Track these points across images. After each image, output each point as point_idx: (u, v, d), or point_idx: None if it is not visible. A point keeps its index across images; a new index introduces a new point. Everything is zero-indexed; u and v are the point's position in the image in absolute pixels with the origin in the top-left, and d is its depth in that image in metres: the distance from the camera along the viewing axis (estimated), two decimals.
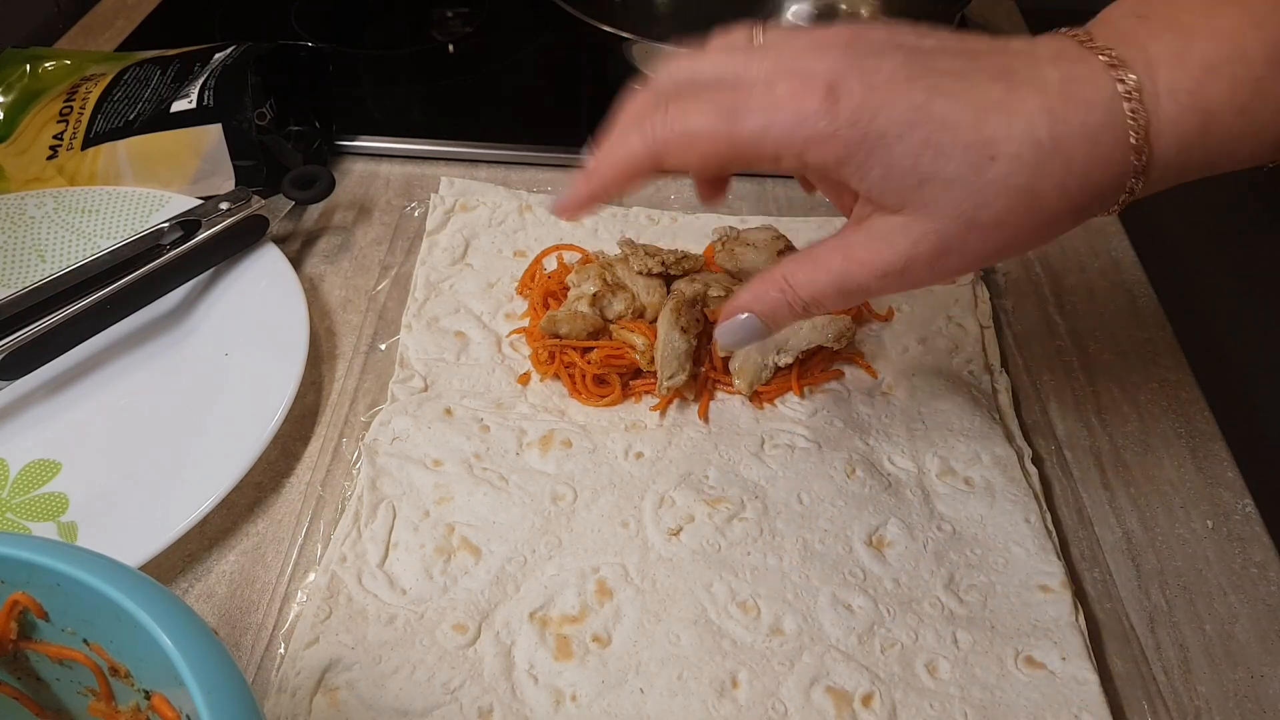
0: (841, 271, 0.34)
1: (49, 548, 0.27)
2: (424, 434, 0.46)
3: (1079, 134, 0.31)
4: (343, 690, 0.37)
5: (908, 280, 0.34)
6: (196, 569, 0.43)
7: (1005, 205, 0.32)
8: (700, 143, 0.34)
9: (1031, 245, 0.34)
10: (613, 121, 0.37)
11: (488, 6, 0.81)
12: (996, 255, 0.34)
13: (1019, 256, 0.34)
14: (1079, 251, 0.60)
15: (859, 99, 0.31)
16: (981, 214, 0.32)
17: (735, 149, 0.33)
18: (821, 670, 0.38)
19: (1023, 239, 0.33)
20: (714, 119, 0.33)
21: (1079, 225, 0.34)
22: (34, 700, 0.31)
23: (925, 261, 0.33)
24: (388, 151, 0.67)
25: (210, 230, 0.53)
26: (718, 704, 0.37)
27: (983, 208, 0.32)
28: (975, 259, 0.33)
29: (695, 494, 0.44)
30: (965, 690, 0.38)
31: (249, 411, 0.46)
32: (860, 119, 0.31)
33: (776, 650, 0.39)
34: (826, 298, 0.35)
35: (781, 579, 0.41)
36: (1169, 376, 0.53)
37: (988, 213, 0.32)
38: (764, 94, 0.32)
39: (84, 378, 0.50)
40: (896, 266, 0.33)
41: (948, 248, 0.33)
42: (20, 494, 0.45)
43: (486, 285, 0.54)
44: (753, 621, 0.40)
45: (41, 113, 0.64)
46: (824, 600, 0.40)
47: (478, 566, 0.41)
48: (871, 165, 0.32)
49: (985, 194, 0.31)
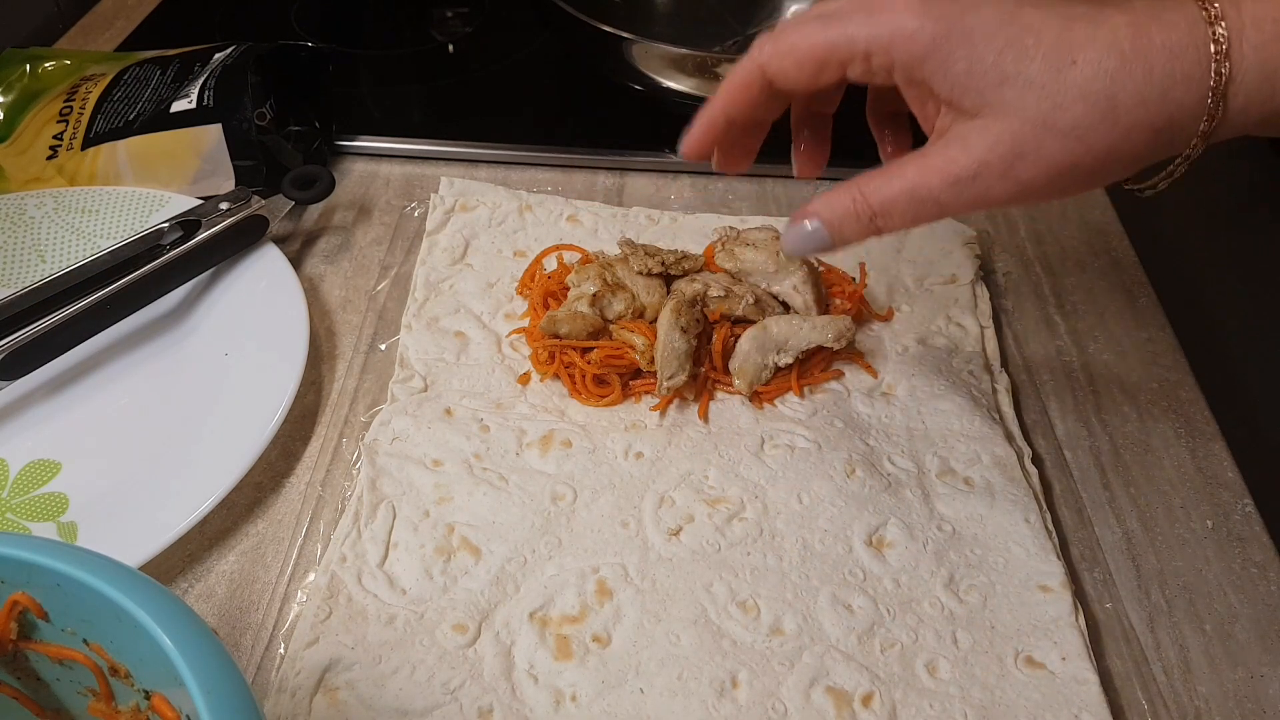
0: (914, 179, 0.35)
1: (49, 548, 0.27)
2: (424, 434, 0.46)
3: (1161, 47, 0.32)
4: (343, 690, 0.37)
5: (979, 188, 0.34)
6: (196, 569, 0.43)
7: (1083, 110, 0.32)
8: (798, 49, 0.35)
9: (1106, 169, 0.34)
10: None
11: (488, 6, 0.81)
12: (1071, 171, 0.33)
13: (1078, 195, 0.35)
14: (1079, 251, 0.60)
15: (949, 2, 0.33)
16: (1059, 116, 0.32)
17: (831, 49, 0.35)
18: (821, 670, 0.38)
19: (1098, 155, 0.33)
20: (812, 27, 0.35)
21: (1153, 159, 0.34)
22: (34, 700, 0.31)
23: (999, 167, 0.33)
24: (388, 151, 0.67)
25: (210, 230, 0.53)
26: (718, 704, 0.37)
27: (1061, 109, 0.32)
28: (1049, 169, 0.33)
29: (695, 494, 0.44)
30: (965, 690, 0.38)
31: (249, 411, 0.46)
32: (949, 14, 0.33)
33: (776, 650, 0.39)
34: (897, 206, 0.35)
35: (781, 579, 0.41)
36: (1169, 376, 0.53)
37: (1065, 116, 0.32)
38: (861, 8, 0.35)
39: (84, 378, 0.50)
40: (970, 171, 0.34)
41: (1022, 150, 0.33)
42: (20, 494, 0.45)
43: (486, 285, 0.54)
44: (752, 621, 0.40)
45: (41, 113, 0.64)
46: (824, 600, 0.40)
47: (478, 566, 0.41)
48: (955, 60, 0.33)
49: (1064, 96, 0.32)
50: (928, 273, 0.55)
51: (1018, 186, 0.34)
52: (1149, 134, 0.33)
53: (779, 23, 0.39)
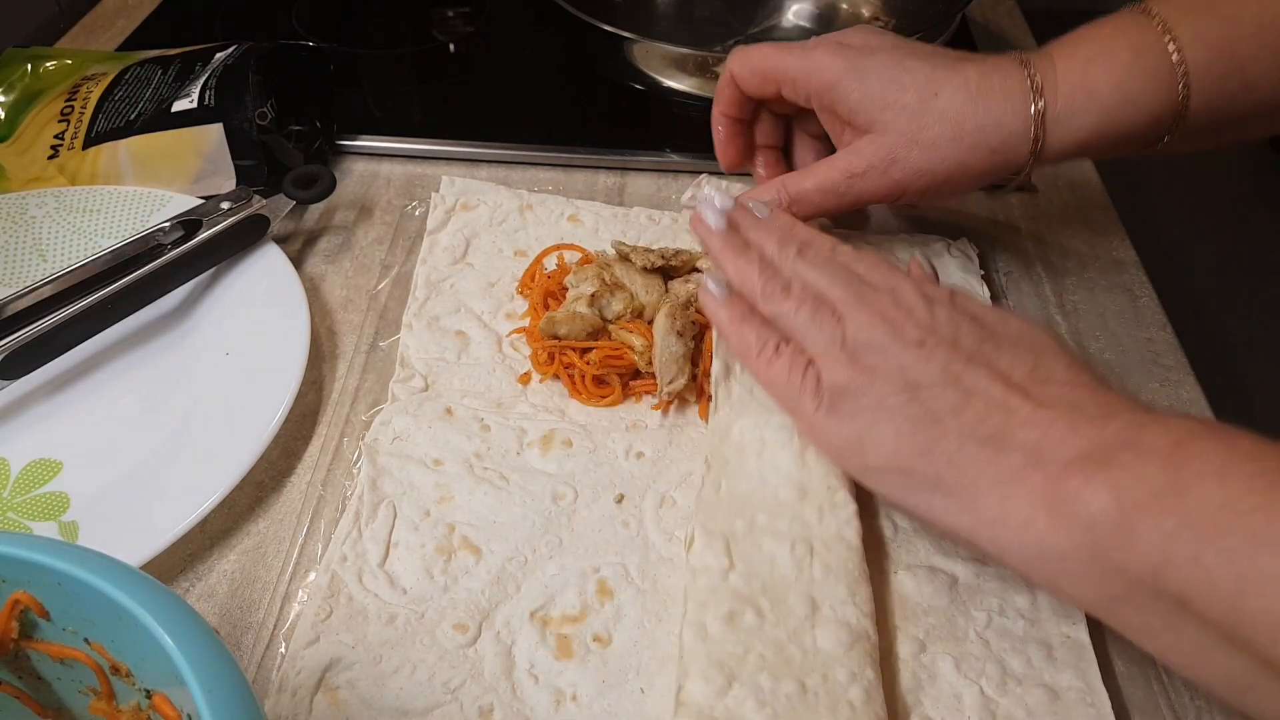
0: (821, 175, 0.48)
1: (50, 547, 0.27)
2: (425, 433, 0.46)
3: (997, 88, 0.45)
4: (343, 689, 0.37)
5: (866, 183, 0.47)
6: (197, 568, 0.43)
7: (939, 130, 0.45)
8: (753, 63, 0.50)
9: (957, 178, 0.46)
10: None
11: (488, 6, 0.81)
12: (929, 175, 0.46)
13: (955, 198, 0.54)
14: (1079, 251, 0.60)
15: (856, 49, 0.47)
16: (922, 134, 0.45)
17: (773, 69, 0.49)
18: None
19: (950, 166, 0.46)
20: (768, 50, 0.50)
21: (994, 174, 0.46)
22: (35, 699, 0.31)
23: (880, 168, 0.46)
24: (388, 151, 0.67)
25: (211, 230, 0.53)
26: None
27: (924, 129, 0.45)
28: (913, 172, 0.46)
29: (696, 494, 0.44)
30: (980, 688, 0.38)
31: (249, 411, 0.46)
32: (852, 58, 0.47)
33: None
34: (807, 194, 0.48)
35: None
36: (1170, 376, 0.53)
37: (927, 134, 0.45)
38: (800, 47, 0.49)
39: (85, 377, 0.50)
40: (859, 169, 0.47)
41: (895, 157, 0.46)
42: (21, 493, 0.45)
43: (487, 285, 0.54)
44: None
45: (43, 112, 0.64)
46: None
47: (478, 566, 0.41)
48: (852, 90, 0.47)
49: (927, 118, 0.45)
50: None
51: (892, 184, 0.47)
52: (987, 153, 0.45)
53: (766, 32, 0.56)
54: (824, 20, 0.81)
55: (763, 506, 0.41)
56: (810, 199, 0.48)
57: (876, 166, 0.46)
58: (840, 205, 0.49)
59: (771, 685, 0.35)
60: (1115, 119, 0.44)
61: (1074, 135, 0.45)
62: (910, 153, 0.46)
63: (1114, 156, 0.49)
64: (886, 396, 0.37)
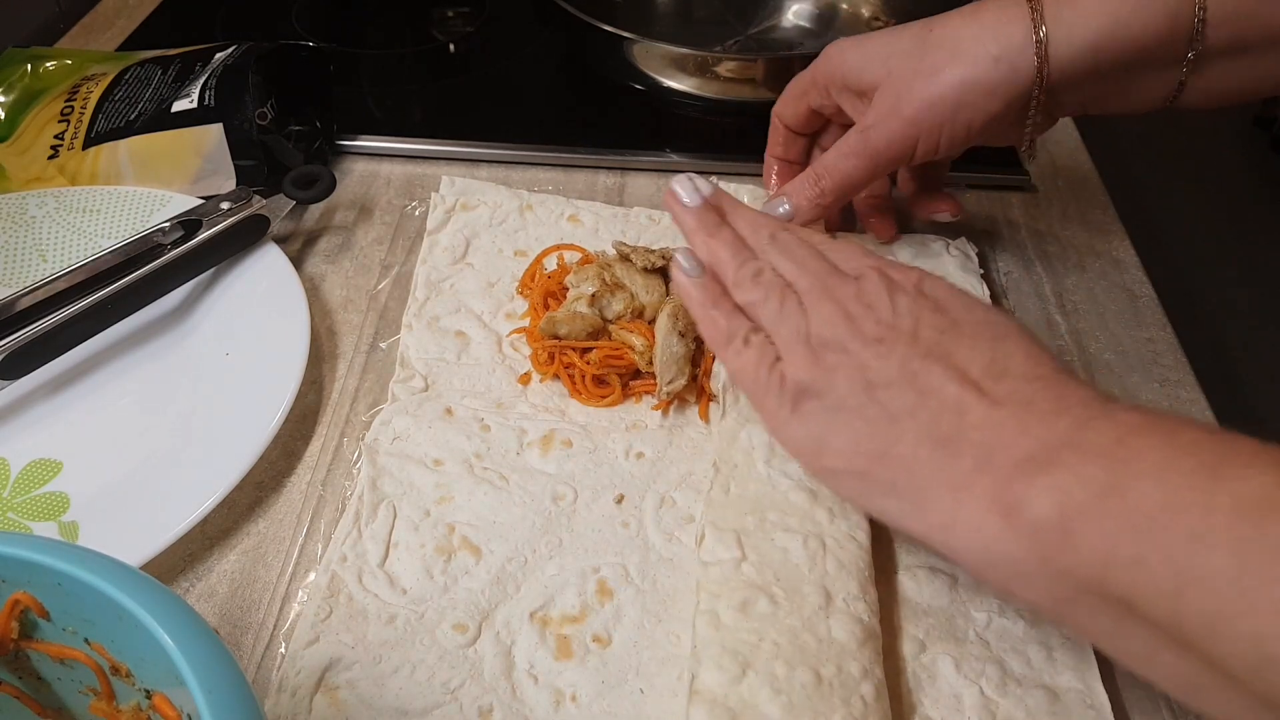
0: (841, 145, 0.48)
1: (50, 547, 0.27)
2: (425, 433, 0.46)
3: (992, 7, 0.45)
4: (343, 689, 0.37)
5: (882, 131, 0.47)
6: (197, 568, 0.43)
7: (938, 55, 0.45)
8: (788, 92, 0.53)
9: (964, 99, 0.45)
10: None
11: (488, 6, 0.81)
12: (938, 103, 0.45)
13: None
14: (1079, 251, 0.60)
15: (862, 38, 0.49)
16: (922, 64, 0.46)
17: (800, 84, 0.52)
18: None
19: (953, 85, 0.45)
20: (795, 79, 0.53)
21: (1004, 87, 0.45)
22: (35, 699, 0.31)
23: (889, 111, 0.47)
24: (388, 151, 0.67)
25: (211, 230, 0.53)
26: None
27: (923, 59, 0.46)
28: (922, 102, 0.46)
29: (696, 495, 0.44)
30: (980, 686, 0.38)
31: (249, 411, 0.46)
32: (859, 42, 0.49)
33: None
34: (830, 163, 0.48)
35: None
36: (1169, 376, 0.53)
37: (926, 62, 0.46)
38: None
39: (85, 377, 0.50)
40: (871, 120, 0.47)
41: (900, 93, 0.46)
42: (21, 493, 0.45)
43: (487, 285, 0.54)
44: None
45: (43, 112, 0.64)
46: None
47: (478, 566, 0.41)
48: (856, 58, 0.48)
49: (926, 50, 0.46)
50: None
51: (906, 124, 0.46)
52: (990, 62, 0.44)
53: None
54: (824, 20, 0.81)
55: (773, 507, 0.41)
56: (836, 168, 0.48)
57: (885, 112, 0.46)
58: (867, 169, 0.48)
59: (786, 673, 0.35)
60: (1125, 19, 0.43)
61: (1081, 35, 0.43)
62: (914, 85, 0.45)
63: (1141, 91, 0.46)
64: (846, 398, 0.37)
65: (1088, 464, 0.31)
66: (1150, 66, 0.44)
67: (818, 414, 0.37)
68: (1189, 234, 1.05)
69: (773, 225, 0.43)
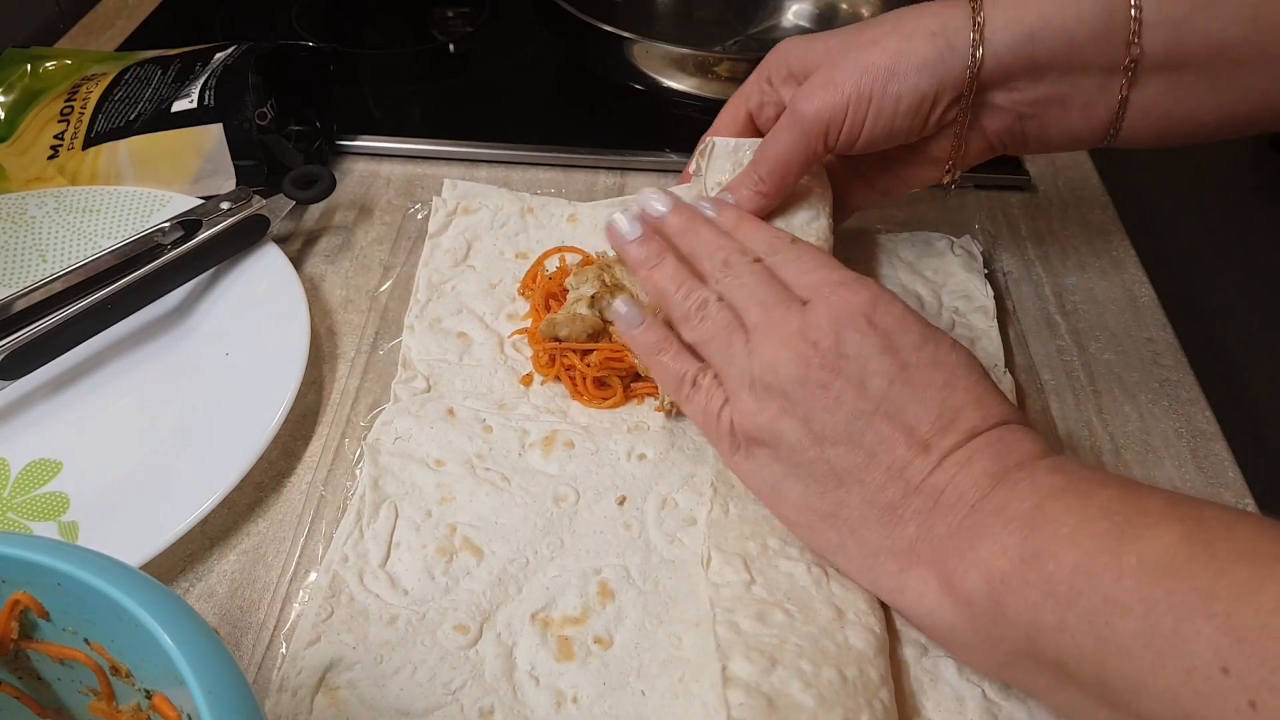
0: (778, 121, 0.47)
1: (50, 547, 0.27)
2: (426, 434, 0.46)
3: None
4: (344, 690, 0.37)
5: (816, 101, 0.45)
6: (197, 568, 0.43)
7: (879, 29, 0.45)
8: (734, 101, 0.51)
9: (896, 67, 0.43)
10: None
11: (488, 6, 0.81)
12: (871, 70, 0.43)
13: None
14: (1079, 251, 0.60)
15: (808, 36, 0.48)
16: (860, 36, 0.45)
17: (748, 85, 0.50)
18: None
19: (890, 54, 0.43)
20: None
21: (940, 65, 0.43)
22: (35, 700, 0.31)
23: (825, 80, 0.45)
24: (388, 151, 0.67)
25: (211, 230, 0.53)
26: (719, 707, 0.37)
27: (864, 31, 0.45)
28: (855, 71, 0.44)
29: (698, 496, 0.44)
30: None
31: (250, 411, 0.46)
32: (806, 38, 0.48)
33: None
34: (766, 147, 0.46)
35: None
36: (1169, 376, 0.53)
37: (864, 35, 0.45)
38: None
39: (84, 378, 0.50)
40: (805, 91, 0.45)
41: (835, 62, 0.45)
42: (21, 494, 0.45)
43: (489, 286, 0.54)
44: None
45: (42, 112, 0.64)
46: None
47: (480, 567, 0.41)
48: (800, 46, 0.47)
49: (865, 27, 0.45)
50: (945, 282, 0.55)
51: (833, 87, 0.44)
52: (927, 36, 0.43)
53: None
54: (824, 20, 0.81)
55: (773, 533, 0.41)
56: (768, 149, 0.46)
57: (817, 81, 0.44)
58: (799, 142, 0.45)
59: (813, 670, 0.35)
60: (1062, 4, 0.42)
61: (1018, 20, 0.42)
62: (849, 53, 0.44)
63: (1077, 115, 0.44)
64: (795, 450, 0.37)
65: (1010, 533, 0.32)
66: (1087, 71, 0.42)
67: (769, 462, 0.38)
68: (1189, 234, 1.05)
69: (729, 247, 0.41)
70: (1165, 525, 0.29)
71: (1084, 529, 0.30)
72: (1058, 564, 0.30)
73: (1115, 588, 0.29)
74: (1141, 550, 0.29)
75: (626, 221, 0.43)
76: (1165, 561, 0.28)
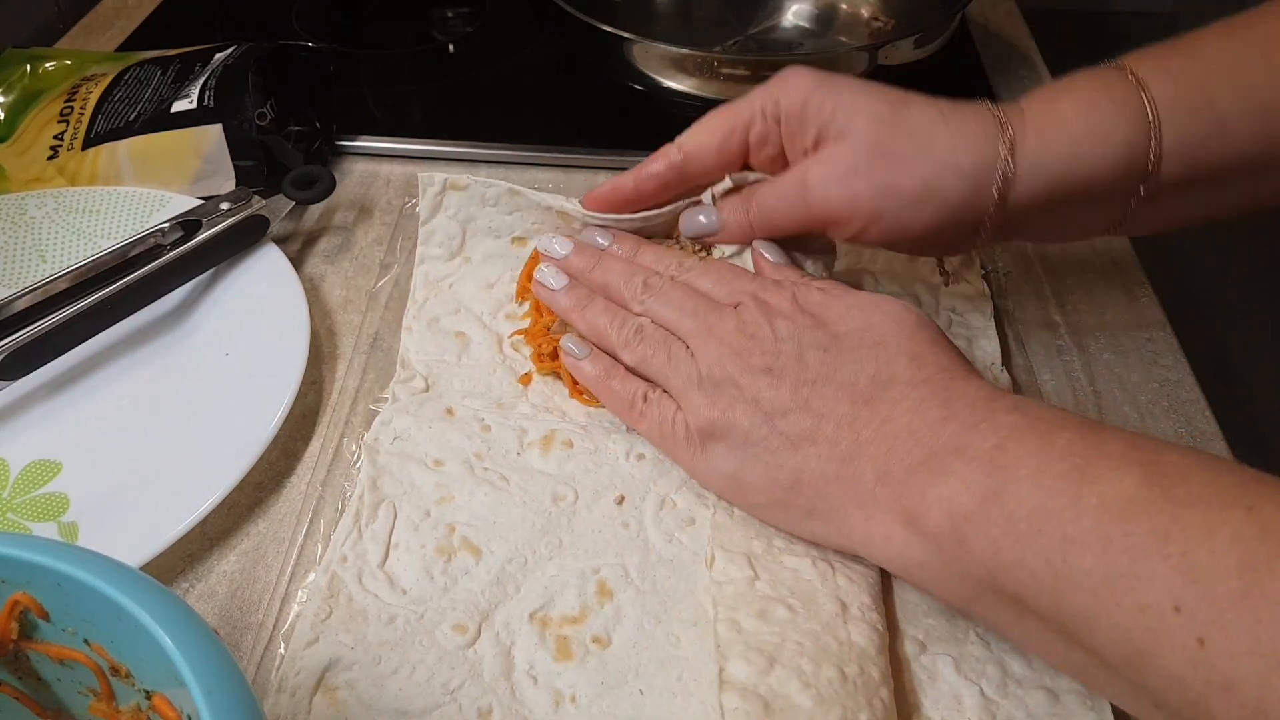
0: (784, 180, 0.45)
1: (50, 548, 0.27)
2: (425, 434, 0.46)
3: (968, 112, 0.42)
4: (342, 690, 0.37)
5: (824, 191, 0.43)
6: (197, 569, 0.43)
7: (909, 142, 0.42)
8: (704, 125, 0.48)
9: (921, 198, 0.42)
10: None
11: (488, 6, 0.81)
12: (892, 192, 0.42)
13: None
14: (1079, 251, 0.60)
15: (822, 72, 0.45)
16: (891, 144, 0.42)
17: (735, 115, 0.46)
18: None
19: (914, 181, 0.42)
20: (715, 112, 0.48)
21: (961, 204, 0.42)
22: (35, 700, 0.31)
23: (840, 175, 0.43)
24: (388, 151, 0.67)
25: (211, 230, 0.53)
26: (718, 706, 0.37)
27: (893, 139, 0.42)
28: (874, 185, 0.42)
29: (697, 497, 0.44)
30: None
31: (249, 411, 0.46)
32: (820, 76, 0.44)
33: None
34: (768, 201, 0.45)
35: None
36: (1169, 376, 0.53)
37: (896, 145, 0.42)
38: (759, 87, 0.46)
39: (84, 378, 0.50)
40: (818, 177, 0.43)
41: (858, 166, 0.42)
42: (21, 494, 0.45)
43: (486, 286, 0.54)
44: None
45: (42, 113, 0.64)
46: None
47: (478, 567, 0.41)
48: (826, 101, 0.43)
49: (897, 129, 0.42)
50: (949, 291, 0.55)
51: (850, 195, 0.42)
52: (956, 174, 0.41)
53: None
54: (824, 20, 0.81)
55: (779, 532, 0.41)
56: (767, 207, 0.45)
57: (836, 175, 0.42)
58: (798, 221, 0.45)
59: (813, 669, 0.35)
60: (1085, 152, 0.41)
61: (1043, 169, 0.41)
62: (874, 163, 0.42)
63: (1088, 221, 0.44)
64: (749, 432, 0.39)
65: (971, 470, 0.33)
66: (1102, 199, 0.43)
67: (727, 454, 0.40)
68: (1189, 234, 1.05)
69: (641, 271, 0.45)
70: (1125, 468, 0.30)
71: (1045, 469, 0.31)
72: (1019, 503, 0.31)
73: (1074, 527, 0.29)
74: (1102, 492, 0.30)
75: (551, 275, 0.47)
76: (1124, 503, 0.29)
